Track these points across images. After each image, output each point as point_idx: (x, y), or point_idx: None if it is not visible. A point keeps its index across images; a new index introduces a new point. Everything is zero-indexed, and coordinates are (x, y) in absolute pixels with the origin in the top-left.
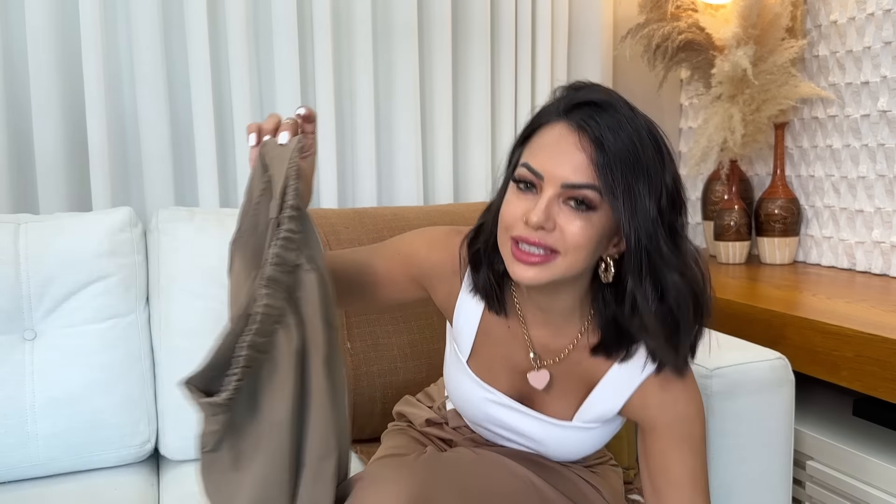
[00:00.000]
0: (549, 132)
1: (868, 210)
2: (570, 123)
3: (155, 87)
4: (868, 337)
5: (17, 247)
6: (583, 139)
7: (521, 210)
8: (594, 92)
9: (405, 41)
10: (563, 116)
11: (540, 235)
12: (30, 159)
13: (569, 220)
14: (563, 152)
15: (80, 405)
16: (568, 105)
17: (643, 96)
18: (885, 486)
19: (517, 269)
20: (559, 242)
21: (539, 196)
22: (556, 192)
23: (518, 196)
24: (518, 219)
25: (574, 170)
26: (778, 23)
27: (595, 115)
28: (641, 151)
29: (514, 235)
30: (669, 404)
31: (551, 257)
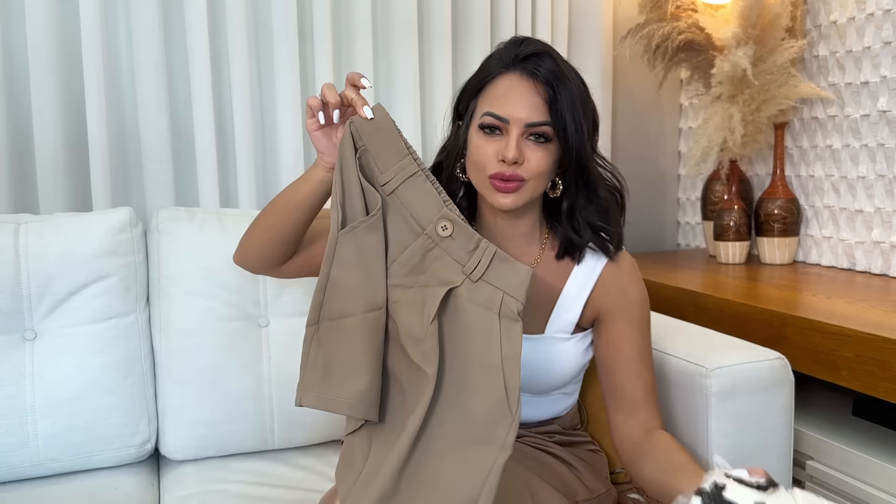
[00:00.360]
0: (504, 81)
1: (868, 210)
2: (522, 72)
3: (155, 87)
4: (868, 337)
5: (17, 247)
6: (536, 84)
7: (493, 151)
8: (533, 45)
9: (405, 41)
10: (514, 67)
11: (513, 169)
12: (30, 159)
13: (533, 152)
14: (520, 98)
15: (81, 405)
16: (516, 57)
17: (643, 96)
18: (885, 486)
19: (498, 198)
20: (527, 171)
21: (506, 137)
22: (521, 131)
23: (486, 140)
24: (492, 158)
25: (533, 111)
26: (778, 23)
27: (540, 63)
28: (576, 89)
29: (492, 173)
30: (625, 289)
31: (521, 184)
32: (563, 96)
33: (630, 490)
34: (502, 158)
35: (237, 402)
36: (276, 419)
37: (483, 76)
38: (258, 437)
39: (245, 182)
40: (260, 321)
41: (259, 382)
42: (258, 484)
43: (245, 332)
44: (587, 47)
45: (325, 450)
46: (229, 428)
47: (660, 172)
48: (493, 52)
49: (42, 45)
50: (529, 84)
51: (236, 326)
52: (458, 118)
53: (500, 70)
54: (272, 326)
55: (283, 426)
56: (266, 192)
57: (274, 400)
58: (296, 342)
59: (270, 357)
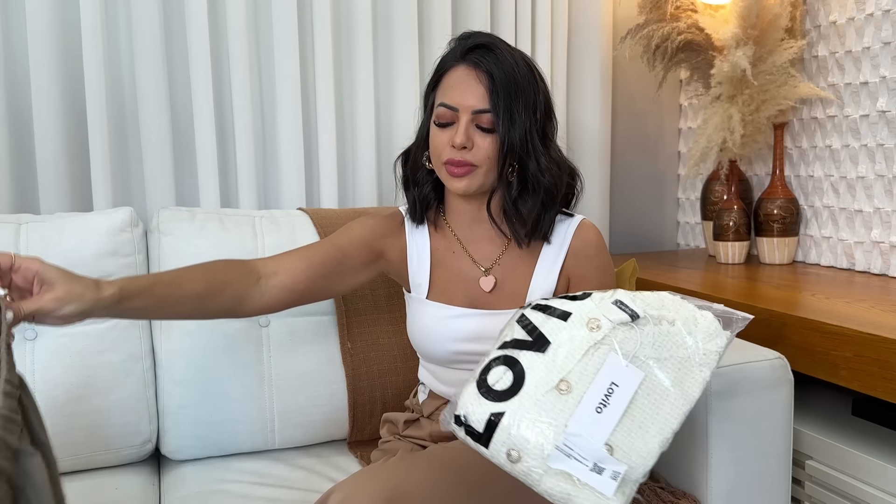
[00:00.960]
0: (454, 74)
1: (867, 210)
2: (468, 64)
3: (156, 87)
4: (867, 337)
5: (17, 247)
6: (479, 74)
7: (446, 138)
8: (480, 37)
9: (405, 41)
10: (461, 60)
11: (462, 154)
12: (31, 159)
13: (482, 139)
14: (467, 87)
15: (81, 405)
16: (463, 50)
17: (643, 97)
18: (885, 486)
19: (453, 182)
20: (476, 157)
21: (457, 125)
22: (469, 118)
23: (441, 130)
24: (445, 145)
25: (478, 99)
26: (777, 23)
27: (484, 55)
28: (520, 77)
29: (446, 160)
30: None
31: (473, 169)
32: (501, 88)
33: None
34: (452, 144)
35: (237, 402)
36: (277, 419)
37: (438, 71)
38: (258, 437)
39: (245, 182)
40: (260, 321)
41: (259, 382)
42: (258, 484)
43: (245, 332)
44: (587, 47)
45: (326, 450)
46: (230, 428)
47: (659, 172)
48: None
49: (43, 45)
50: (474, 74)
51: (237, 326)
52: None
53: (451, 63)
54: (272, 326)
55: (284, 426)
56: (266, 192)
57: (274, 400)
58: (296, 342)
59: (271, 357)
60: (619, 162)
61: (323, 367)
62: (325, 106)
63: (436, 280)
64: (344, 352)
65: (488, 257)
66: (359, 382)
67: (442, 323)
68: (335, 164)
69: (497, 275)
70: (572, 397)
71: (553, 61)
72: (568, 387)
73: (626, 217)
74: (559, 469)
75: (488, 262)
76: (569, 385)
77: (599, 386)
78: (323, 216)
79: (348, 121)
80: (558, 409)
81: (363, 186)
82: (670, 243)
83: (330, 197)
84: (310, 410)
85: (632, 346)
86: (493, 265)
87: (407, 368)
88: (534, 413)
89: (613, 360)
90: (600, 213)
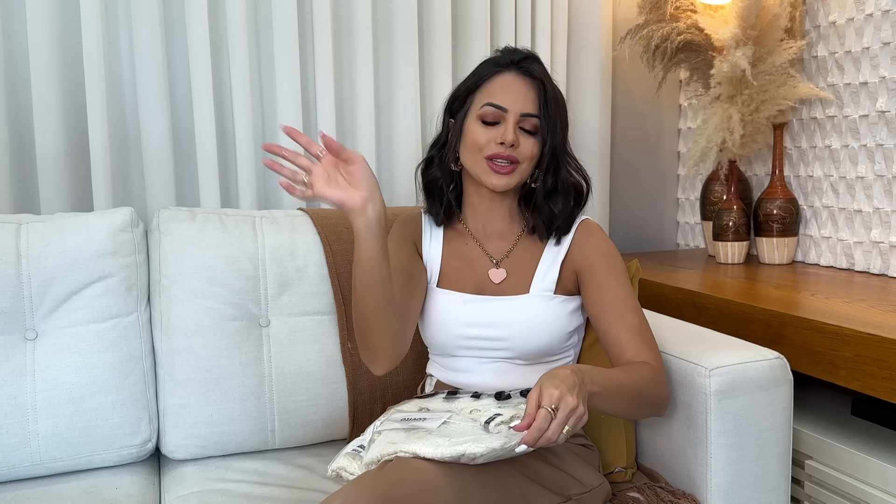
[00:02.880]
0: (502, 78)
1: (867, 210)
2: (518, 71)
3: (156, 87)
4: (867, 337)
5: (18, 247)
6: (531, 82)
7: (492, 136)
8: (525, 52)
9: (405, 41)
10: (510, 67)
11: (510, 151)
12: (31, 159)
13: (525, 139)
14: (518, 91)
15: (82, 405)
16: (513, 59)
17: (642, 97)
18: (884, 486)
19: (494, 178)
20: (520, 155)
21: (504, 124)
22: (517, 119)
23: (485, 128)
24: (491, 141)
25: (527, 103)
26: (777, 23)
27: (534, 65)
28: (558, 93)
29: (490, 154)
30: (596, 246)
31: (515, 167)
32: (549, 96)
33: (630, 489)
34: (501, 141)
35: (238, 402)
36: (277, 419)
37: (480, 75)
38: (259, 437)
39: (246, 182)
40: (261, 321)
41: (260, 382)
42: (258, 483)
43: (246, 331)
44: (587, 47)
45: (326, 450)
46: (230, 428)
47: (659, 172)
48: (487, 60)
49: (43, 46)
50: (524, 81)
51: (237, 326)
52: (451, 116)
53: (497, 69)
54: (273, 326)
55: (284, 426)
56: (266, 192)
57: (275, 400)
58: (296, 342)
59: (271, 357)
60: (619, 162)
61: (323, 367)
62: (325, 106)
63: (447, 270)
64: (344, 352)
65: (499, 251)
66: (359, 382)
67: (450, 308)
68: None
69: (506, 267)
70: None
71: (553, 61)
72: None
73: (626, 217)
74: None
75: (499, 256)
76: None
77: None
78: (323, 216)
79: (348, 121)
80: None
81: None
82: (670, 243)
83: None
84: (310, 410)
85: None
86: (503, 258)
87: (407, 368)
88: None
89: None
90: (600, 212)
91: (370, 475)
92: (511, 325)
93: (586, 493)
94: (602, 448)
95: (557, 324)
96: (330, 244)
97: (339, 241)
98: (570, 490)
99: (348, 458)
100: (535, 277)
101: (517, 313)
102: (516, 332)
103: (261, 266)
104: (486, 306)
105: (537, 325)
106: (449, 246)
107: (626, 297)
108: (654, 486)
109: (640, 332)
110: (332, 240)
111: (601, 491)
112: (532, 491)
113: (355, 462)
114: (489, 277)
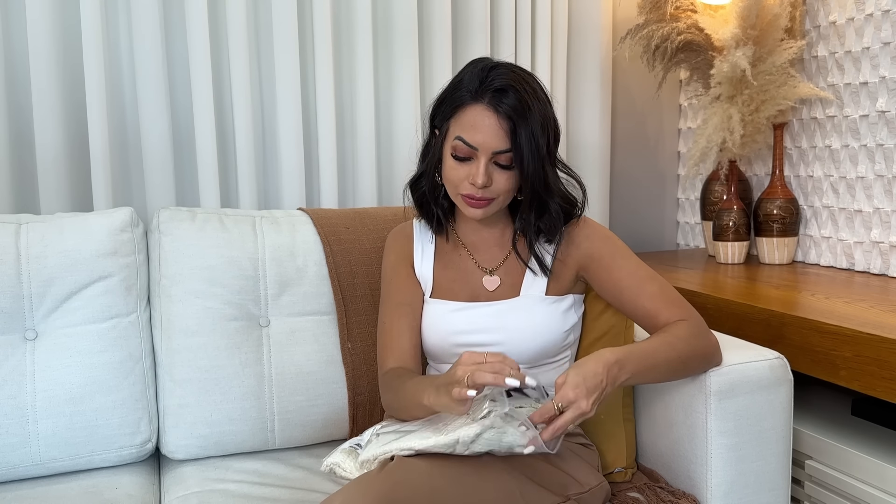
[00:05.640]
0: (473, 111)
1: (867, 210)
2: (488, 106)
3: (156, 87)
4: (867, 337)
5: (18, 247)
6: (500, 118)
7: (464, 174)
8: (499, 77)
9: (405, 41)
10: (480, 98)
11: (482, 192)
12: (31, 159)
13: (500, 174)
14: (488, 129)
15: (82, 405)
16: (483, 89)
17: (642, 97)
18: (884, 486)
19: (470, 211)
20: (493, 192)
21: (476, 162)
22: (489, 157)
23: (458, 164)
24: (463, 180)
25: (499, 140)
26: (777, 23)
27: (503, 98)
28: (538, 112)
29: (464, 194)
30: (589, 235)
31: (490, 201)
32: (522, 129)
33: (630, 489)
34: (472, 182)
35: (238, 402)
36: (277, 419)
37: (453, 103)
38: (259, 437)
39: (245, 182)
40: (261, 321)
41: (260, 382)
42: (258, 484)
43: (246, 331)
44: (587, 47)
45: (326, 450)
46: (230, 428)
47: (659, 172)
48: (463, 75)
49: (43, 46)
50: (494, 118)
51: (237, 326)
52: (434, 128)
53: (468, 100)
54: (273, 326)
55: (284, 426)
56: (266, 192)
57: (274, 400)
58: (296, 342)
59: (271, 357)
60: (618, 162)
61: (323, 367)
62: (325, 106)
63: (440, 281)
64: (344, 352)
65: (493, 259)
66: (359, 382)
67: (442, 317)
68: (335, 164)
69: (500, 274)
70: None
71: (553, 62)
72: None
73: (626, 217)
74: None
75: (493, 264)
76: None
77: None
78: (323, 216)
79: (348, 121)
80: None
81: (363, 186)
82: (670, 243)
83: (330, 197)
84: (310, 410)
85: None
86: (498, 266)
87: None
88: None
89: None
90: (600, 213)
91: (370, 476)
92: (503, 329)
93: (585, 493)
94: (602, 448)
95: (549, 323)
96: (330, 244)
97: (339, 241)
98: (570, 490)
99: (343, 455)
100: (525, 280)
101: (508, 317)
102: (509, 337)
103: (261, 266)
104: (477, 313)
105: (529, 326)
106: (441, 257)
107: (636, 269)
108: (654, 486)
109: (662, 296)
110: (332, 240)
111: (600, 491)
112: (531, 491)
113: (350, 459)
114: (483, 285)
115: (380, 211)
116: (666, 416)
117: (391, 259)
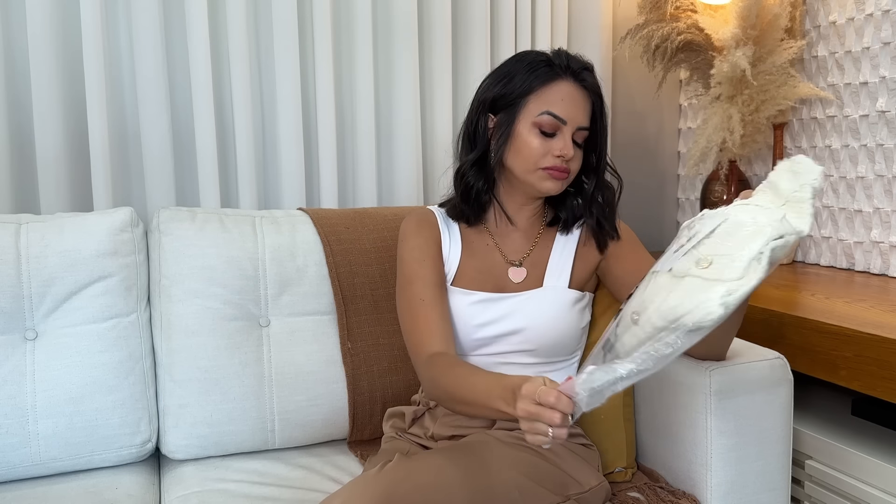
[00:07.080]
0: (562, 87)
1: (867, 210)
2: (577, 82)
3: (156, 87)
4: (867, 337)
5: (18, 247)
6: (588, 94)
7: (548, 147)
8: (581, 60)
9: (405, 41)
10: (569, 76)
11: (567, 164)
12: (31, 159)
13: (576, 151)
14: (576, 104)
15: (82, 405)
16: (571, 67)
17: (642, 97)
18: (884, 486)
19: (549, 183)
20: (572, 167)
21: (562, 135)
22: (573, 131)
23: (542, 139)
24: (549, 153)
25: (585, 116)
26: (777, 23)
27: (588, 77)
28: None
29: (547, 166)
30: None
31: (568, 174)
32: (601, 109)
33: (630, 489)
34: (560, 154)
35: (238, 402)
36: (277, 419)
37: (535, 78)
38: (259, 437)
39: (246, 182)
40: (261, 321)
41: (260, 382)
42: (258, 483)
43: (246, 331)
44: (587, 48)
45: (326, 450)
46: (230, 428)
47: (659, 172)
48: (538, 59)
49: (43, 45)
50: (583, 93)
51: (237, 326)
52: (491, 110)
53: (555, 76)
54: (273, 326)
55: (284, 426)
56: (266, 192)
57: (274, 400)
58: (296, 342)
59: (271, 357)
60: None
61: (323, 367)
62: (325, 106)
63: (464, 269)
64: (344, 352)
65: (519, 251)
66: (359, 382)
67: (469, 310)
68: (335, 164)
69: (527, 266)
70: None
71: None
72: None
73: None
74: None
75: (519, 255)
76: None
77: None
78: (323, 216)
79: (348, 121)
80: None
81: (363, 186)
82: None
83: (330, 197)
84: (310, 410)
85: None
86: (525, 257)
87: (407, 368)
88: None
89: None
90: None
91: (370, 475)
92: (524, 316)
93: (585, 493)
94: (602, 448)
95: (571, 317)
96: (330, 244)
97: (339, 241)
98: (570, 490)
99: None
100: (548, 272)
101: (529, 305)
102: (530, 324)
103: (261, 266)
104: (503, 304)
105: (551, 315)
106: (468, 246)
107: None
108: (654, 486)
109: None
110: (332, 240)
111: (600, 491)
112: (531, 490)
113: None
114: (509, 277)
115: (380, 211)
116: (666, 416)
117: (418, 242)
